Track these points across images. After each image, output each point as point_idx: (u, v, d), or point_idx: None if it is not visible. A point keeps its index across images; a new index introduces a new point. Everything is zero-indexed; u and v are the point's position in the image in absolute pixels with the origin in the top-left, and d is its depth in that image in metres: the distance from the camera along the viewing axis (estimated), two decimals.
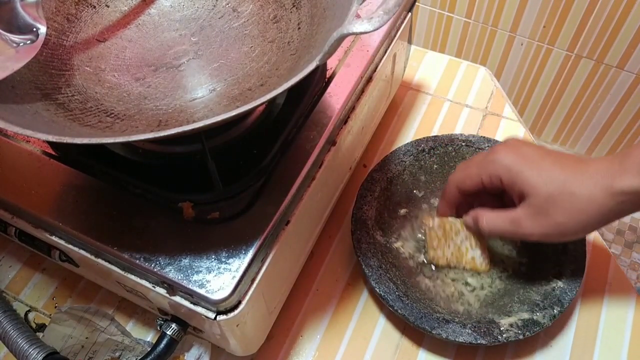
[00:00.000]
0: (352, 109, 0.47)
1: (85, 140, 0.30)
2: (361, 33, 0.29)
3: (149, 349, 0.40)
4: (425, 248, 0.50)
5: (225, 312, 0.37)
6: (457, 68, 0.67)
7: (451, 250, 0.48)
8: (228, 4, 0.48)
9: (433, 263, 0.49)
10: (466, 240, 0.47)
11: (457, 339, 0.44)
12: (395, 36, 0.52)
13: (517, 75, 1.33)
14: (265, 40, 0.45)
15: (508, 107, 0.63)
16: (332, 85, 0.46)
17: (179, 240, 0.38)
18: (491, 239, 0.51)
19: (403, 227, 0.52)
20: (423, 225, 0.50)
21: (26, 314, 0.51)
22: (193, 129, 0.30)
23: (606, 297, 0.50)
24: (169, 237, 0.38)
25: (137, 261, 0.37)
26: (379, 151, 0.60)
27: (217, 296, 0.35)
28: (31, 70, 0.40)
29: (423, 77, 0.66)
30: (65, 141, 0.30)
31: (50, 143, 0.44)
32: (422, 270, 0.50)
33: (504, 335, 0.44)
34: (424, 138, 0.56)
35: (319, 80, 0.46)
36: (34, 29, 0.40)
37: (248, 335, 0.41)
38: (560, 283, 0.46)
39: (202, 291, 0.35)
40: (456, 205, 0.47)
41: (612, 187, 0.37)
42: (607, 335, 0.48)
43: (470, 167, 0.44)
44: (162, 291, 0.38)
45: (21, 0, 0.40)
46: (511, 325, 0.44)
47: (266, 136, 0.43)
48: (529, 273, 0.49)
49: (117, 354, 0.47)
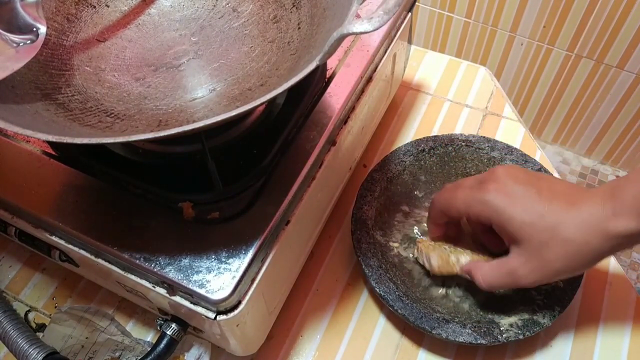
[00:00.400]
0: (352, 109, 0.47)
1: (85, 140, 0.30)
2: (361, 33, 0.29)
3: (149, 349, 0.40)
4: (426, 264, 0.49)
5: (225, 312, 0.37)
6: (457, 68, 0.67)
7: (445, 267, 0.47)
8: (228, 4, 0.48)
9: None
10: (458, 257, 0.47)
11: (457, 339, 0.44)
12: (395, 36, 0.52)
13: (517, 75, 1.33)
14: (265, 40, 0.45)
15: (508, 107, 0.63)
16: (332, 85, 0.46)
17: (179, 240, 0.38)
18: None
19: (403, 227, 0.52)
20: (418, 250, 0.50)
21: (26, 314, 0.51)
22: (193, 129, 0.30)
23: (606, 297, 0.50)
24: (169, 237, 0.38)
25: (137, 261, 0.37)
26: (379, 151, 0.60)
27: (217, 296, 0.35)
28: (31, 70, 0.40)
29: (423, 77, 0.66)
30: (65, 141, 0.30)
31: (50, 143, 0.44)
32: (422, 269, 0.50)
33: (504, 335, 0.44)
34: (424, 138, 0.56)
35: (319, 80, 0.46)
36: (34, 29, 0.40)
37: (248, 335, 0.41)
38: (560, 283, 0.46)
39: (202, 291, 0.35)
40: (445, 224, 0.47)
41: (607, 232, 0.36)
42: (607, 335, 0.48)
43: (456, 199, 0.43)
44: (162, 291, 0.38)
45: (21, 0, 0.40)
46: (511, 325, 0.44)
47: (266, 136, 0.43)
48: None
49: (117, 354, 0.47)
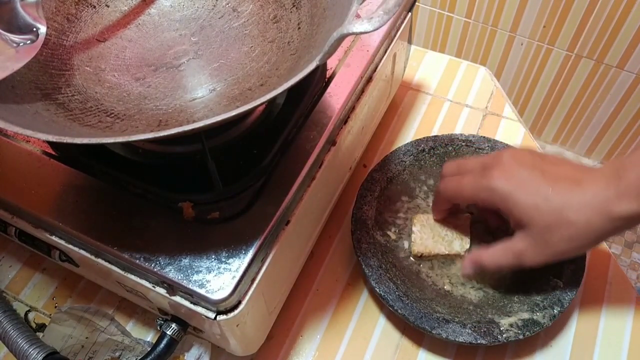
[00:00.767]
0: (352, 109, 0.47)
1: (85, 140, 0.30)
2: (361, 33, 0.29)
3: (149, 349, 0.40)
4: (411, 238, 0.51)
5: (225, 312, 0.37)
6: (457, 68, 0.67)
7: (434, 239, 0.50)
8: (228, 4, 0.48)
9: (415, 251, 0.50)
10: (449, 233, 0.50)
11: (457, 339, 0.44)
12: (395, 36, 0.52)
13: (517, 75, 1.33)
14: (265, 40, 0.45)
15: (508, 107, 0.63)
16: (332, 85, 0.46)
17: (179, 240, 0.38)
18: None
19: (403, 227, 0.52)
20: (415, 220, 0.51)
21: (26, 314, 0.51)
22: (193, 129, 0.30)
23: (606, 297, 0.50)
24: (169, 237, 0.38)
25: (137, 261, 0.37)
26: (379, 151, 0.60)
27: (217, 296, 0.35)
28: (31, 70, 0.40)
29: (423, 77, 0.66)
30: (65, 141, 0.30)
31: (50, 143, 0.44)
32: (422, 268, 0.50)
33: (504, 335, 0.44)
34: (424, 138, 0.56)
35: (319, 80, 0.46)
36: (34, 29, 0.40)
37: (248, 335, 0.41)
38: (560, 283, 0.46)
39: (202, 291, 0.35)
40: (450, 208, 0.49)
41: (610, 213, 0.37)
42: (607, 335, 0.48)
43: (463, 188, 0.45)
44: (162, 291, 0.38)
45: (21, 0, 0.40)
46: (511, 325, 0.44)
47: (266, 136, 0.43)
48: (529, 273, 0.48)
49: (117, 354, 0.47)
